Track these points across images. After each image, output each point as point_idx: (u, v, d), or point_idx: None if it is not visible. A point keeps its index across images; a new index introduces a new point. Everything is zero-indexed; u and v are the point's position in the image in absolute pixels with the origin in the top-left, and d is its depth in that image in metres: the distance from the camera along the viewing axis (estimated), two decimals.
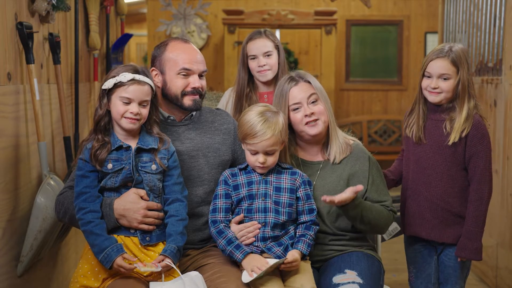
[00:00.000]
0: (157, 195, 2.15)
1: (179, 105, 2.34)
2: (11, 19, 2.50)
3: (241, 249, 2.14)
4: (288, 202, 2.23)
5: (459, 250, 2.48)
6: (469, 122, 2.43)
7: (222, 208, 2.23)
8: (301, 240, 2.21)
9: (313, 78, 2.39)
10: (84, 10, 3.91)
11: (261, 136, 2.16)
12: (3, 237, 2.41)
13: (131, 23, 10.65)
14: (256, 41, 2.88)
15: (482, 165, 2.44)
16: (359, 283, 2.19)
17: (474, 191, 2.45)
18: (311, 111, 2.33)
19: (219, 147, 2.41)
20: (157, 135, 2.16)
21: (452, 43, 2.51)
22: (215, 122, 2.45)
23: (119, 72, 2.09)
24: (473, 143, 2.44)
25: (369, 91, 8.43)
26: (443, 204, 2.50)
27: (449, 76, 2.43)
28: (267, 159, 2.19)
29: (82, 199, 2.07)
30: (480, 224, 2.46)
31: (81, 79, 3.76)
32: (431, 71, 2.46)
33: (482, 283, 4.08)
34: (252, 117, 2.19)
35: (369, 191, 2.35)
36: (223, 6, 8.05)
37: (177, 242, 2.09)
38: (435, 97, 2.46)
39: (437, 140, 2.49)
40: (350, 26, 8.45)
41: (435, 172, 2.50)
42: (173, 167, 2.17)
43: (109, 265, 2.01)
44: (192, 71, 2.32)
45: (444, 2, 5.10)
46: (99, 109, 2.10)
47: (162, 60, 2.34)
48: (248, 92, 2.91)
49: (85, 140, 2.13)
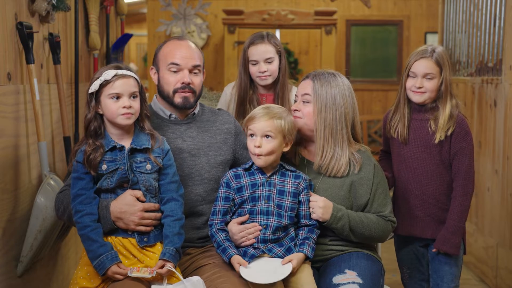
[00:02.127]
0: (153, 195, 2.14)
1: (171, 102, 2.34)
2: (11, 19, 2.50)
3: (226, 252, 2.17)
4: (291, 206, 2.23)
5: (440, 243, 2.51)
6: (453, 121, 2.50)
7: (220, 212, 2.24)
8: (305, 243, 2.21)
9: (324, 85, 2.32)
10: (84, 10, 3.91)
11: (259, 118, 2.20)
12: (3, 237, 2.41)
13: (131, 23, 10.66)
14: (258, 46, 2.85)
15: (467, 161, 2.51)
16: (359, 283, 2.19)
17: (460, 187, 2.51)
18: (298, 108, 2.35)
19: (220, 146, 2.41)
20: (149, 131, 2.15)
21: (432, 45, 2.57)
22: (217, 121, 2.45)
23: (101, 73, 2.08)
24: (458, 139, 2.50)
25: (369, 91, 8.43)
26: (434, 202, 2.55)
27: (433, 76, 2.49)
28: (262, 143, 2.19)
29: (78, 201, 2.06)
30: (464, 219, 2.52)
31: (81, 79, 3.76)
32: (415, 70, 2.51)
33: (482, 283, 4.08)
34: (258, 108, 2.26)
35: (370, 201, 2.34)
36: (223, 6, 8.05)
37: (174, 244, 2.08)
38: (419, 97, 2.52)
39: (423, 140, 2.54)
40: (350, 26, 8.45)
41: (425, 171, 2.55)
42: (168, 166, 2.16)
43: (102, 272, 2.01)
44: (180, 66, 2.31)
45: (444, 2, 5.10)
46: (88, 113, 2.09)
47: (157, 58, 2.37)
48: (251, 95, 2.91)
49: (77, 145, 2.12)
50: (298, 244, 2.22)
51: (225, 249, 2.17)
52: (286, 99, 2.89)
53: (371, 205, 2.34)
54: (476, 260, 4.21)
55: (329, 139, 2.31)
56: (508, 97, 3.71)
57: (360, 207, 2.34)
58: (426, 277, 2.67)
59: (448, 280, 2.57)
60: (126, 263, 2.06)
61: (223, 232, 2.22)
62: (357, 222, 2.28)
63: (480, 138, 4.18)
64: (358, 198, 2.33)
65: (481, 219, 4.17)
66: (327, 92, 2.31)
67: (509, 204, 3.68)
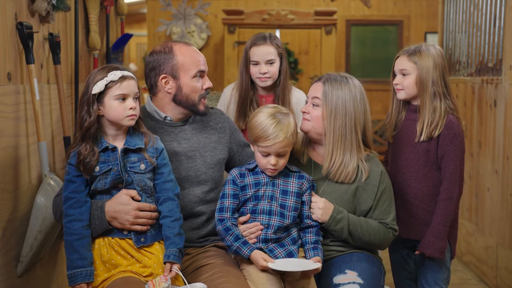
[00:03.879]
0: (149, 194, 2.13)
1: (194, 110, 2.33)
2: (11, 19, 2.50)
3: (248, 245, 2.14)
4: (294, 206, 2.22)
5: (423, 247, 2.51)
6: (441, 122, 2.47)
7: (230, 208, 2.21)
8: (318, 247, 2.20)
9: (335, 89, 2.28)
10: (84, 10, 3.91)
11: (273, 138, 2.13)
12: (3, 237, 2.41)
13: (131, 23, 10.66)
14: (260, 47, 2.84)
15: (453, 165, 2.48)
16: (360, 283, 2.19)
17: (444, 191, 2.50)
18: (307, 111, 2.34)
19: (216, 146, 2.41)
20: (142, 131, 2.13)
21: (425, 44, 2.57)
22: (210, 121, 2.45)
23: (103, 74, 2.04)
24: (445, 142, 2.48)
25: (369, 91, 8.36)
26: (418, 203, 2.54)
27: (407, 72, 2.52)
28: (278, 161, 2.18)
29: (68, 204, 2.04)
30: (447, 223, 2.50)
31: (81, 79, 3.76)
32: (394, 68, 2.59)
33: (482, 283, 4.08)
34: (264, 119, 2.16)
35: (373, 207, 2.33)
36: (223, 6, 8.05)
37: (177, 245, 2.07)
38: (399, 93, 2.58)
39: (411, 139, 2.54)
40: (350, 26, 8.45)
41: (409, 171, 2.54)
42: (163, 165, 2.14)
43: (71, 284, 2.01)
44: (204, 73, 2.34)
45: (444, 2, 5.10)
46: (88, 117, 2.03)
47: (174, 65, 2.28)
48: (251, 95, 2.90)
49: (71, 147, 2.08)
50: (311, 247, 2.20)
51: (246, 242, 2.14)
52: (287, 101, 2.89)
53: (373, 212, 2.33)
54: (476, 260, 4.21)
55: (339, 145, 2.28)
56: (508, 97, 3.71)
57: (363, 213, 2.33)
58: (414, 277, 2.68)
59: (431, 283, 2.58)
60: (124, 264, 2.06)
61: (237, 227, 2.20)
62: (357, 226, 2.27)
63: (480, 138, 4.18)
64: (362, 204, 2.33)
65: (481, 219, 4.17)
66: (338, 97, 2.27)
67: (509, 204, 3.68)
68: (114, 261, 2.06)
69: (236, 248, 2.14)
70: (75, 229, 2.02)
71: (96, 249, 2.07)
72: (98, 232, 2.07)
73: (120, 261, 2.06)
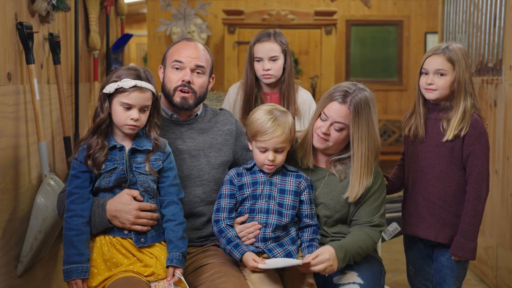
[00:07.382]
0: (152, 196, 2.13)
1: (170, 101, 2.34)
2: (11, 19, 2.50)
3: (239, 248, 2.14)
4: (292, 204, 2.22)
5: (454, 249, 2.47)
6: (466, 121, 2.44)
7: (226, 208, 2.22)
8: (313, 245, 2.20)
9: (363, 119, 2.26)
10: (84, 10, 3.91)
11: (271, 133, 2.16)
12: (3, 237, 2.41)
13: (131, 23, 10.66)
14: (263, 43, 2.84)
15: (480, 164, 2.45)
16: (360, 283, 2.19)
17: (472, 190, 2.45)
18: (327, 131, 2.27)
19: (221, 147, 2.41)
20: (154, 140, 2.12)
21: (450, 42, 2.53)
22: (218, 122, 2.45)
23: (121, 76, 2.05)
24: (471, 141, 2.44)
25: None
26: (440, 203, 2.50)
27: (444, 72, 2.45)
28: (276, 156, 2.19)
29: (71, 199, 2.05)
30: (477, 224, 2.46)
31: (81, 79, 3.76)
32: (427, 67, 2.49)
33: (482, 283, 4.08)
34: (262, 115, 2.19)
35: (361, 208, 2.30)
36: (223, 6, 8.05)
37: (180, 249, 2.07)
38: (431, 94, 2.48)
39: (434, 139, 2.50)
40: (350, 26, 8.45)
41: (433, 171, 2.51)
42: (169, 169, 2.14)
43: (66, 279, 2.01)
44: (183, 64, 2.31)
45: (444, 2, 5.11)
46: (101, 113, 2.06)
47: (165, 56, 2.38)
48: (256, 92, 2.90)
49: (82, 140, 2.09)
50: (306, 246, 2.21)
51: (237, 244, 2.15)
52: (292, 99, 2.87)
53: (358, 213, 2.30)
54: (476, 260, 4.21)
55: (366, 171, 2.27)
56: (508, 97, 3.72)
57: (352, 208, 2.32)
58: (430, 278, 2.64)
59: (449, 282, 2.55)
60: (125, 263, 2.06)
61: (233, 228, 2.21)
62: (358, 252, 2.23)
63: None
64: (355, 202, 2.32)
65: None
66: (364, 125, 2.26)
67: (509, 204, 3.68)
68: (115, 260, 2.06)
69: (228, 251, 2.16)
70: (75, 225, 2.03)
71: (97, 247, 2.08)
72: (98, 229, 2.07)
73: (121, 260, 2.06)
